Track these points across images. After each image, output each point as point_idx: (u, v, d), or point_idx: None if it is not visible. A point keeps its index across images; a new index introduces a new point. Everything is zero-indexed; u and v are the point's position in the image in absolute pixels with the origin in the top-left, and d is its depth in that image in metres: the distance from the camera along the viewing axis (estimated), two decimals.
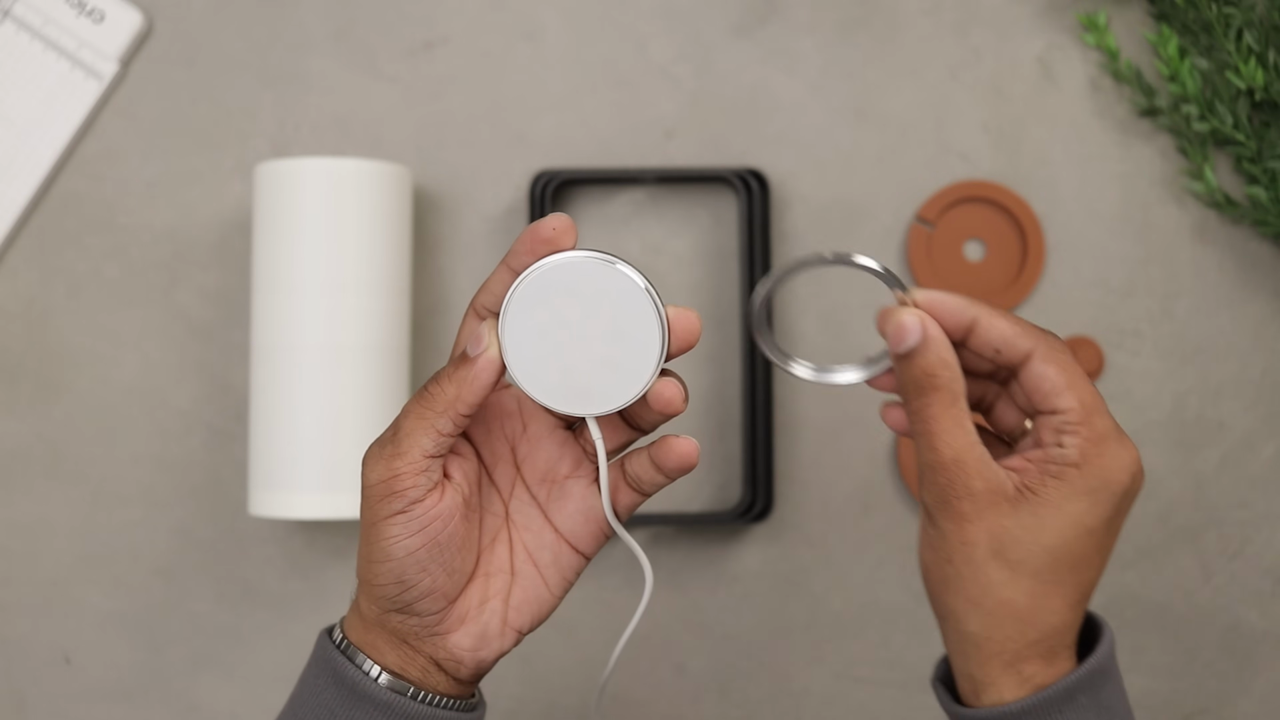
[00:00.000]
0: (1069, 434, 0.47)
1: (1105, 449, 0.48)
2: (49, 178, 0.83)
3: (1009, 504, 0.47)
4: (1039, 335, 0.48)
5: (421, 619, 0.50)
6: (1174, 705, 0.82)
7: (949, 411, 0.48)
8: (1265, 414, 0.82)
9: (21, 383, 0.82)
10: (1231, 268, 0.83)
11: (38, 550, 0.82)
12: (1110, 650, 0.50)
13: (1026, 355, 0.48)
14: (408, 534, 0.49)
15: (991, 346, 0.48)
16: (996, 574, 0.47)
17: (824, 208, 0.83)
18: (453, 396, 0.48)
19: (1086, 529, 0.47)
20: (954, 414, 0.48)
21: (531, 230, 0.48)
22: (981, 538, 0.47)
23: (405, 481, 0.48)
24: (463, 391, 0.48)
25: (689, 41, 0.83)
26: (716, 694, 0.82)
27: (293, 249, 0.75)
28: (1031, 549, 0.47)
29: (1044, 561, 0.47)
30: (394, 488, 0.48)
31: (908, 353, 0.48)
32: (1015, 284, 0.82)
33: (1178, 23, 0.82)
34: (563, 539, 0.53)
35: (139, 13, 0.83)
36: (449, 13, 0.83)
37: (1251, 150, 0.80)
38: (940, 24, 0.83)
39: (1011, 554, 0.47)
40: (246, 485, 0.81)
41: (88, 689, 0.82)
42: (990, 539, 0.47)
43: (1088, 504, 0.47)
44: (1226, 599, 0.82)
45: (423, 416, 0.48)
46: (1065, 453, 0.47)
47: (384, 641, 0.51)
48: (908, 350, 0.48)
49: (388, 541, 0.49)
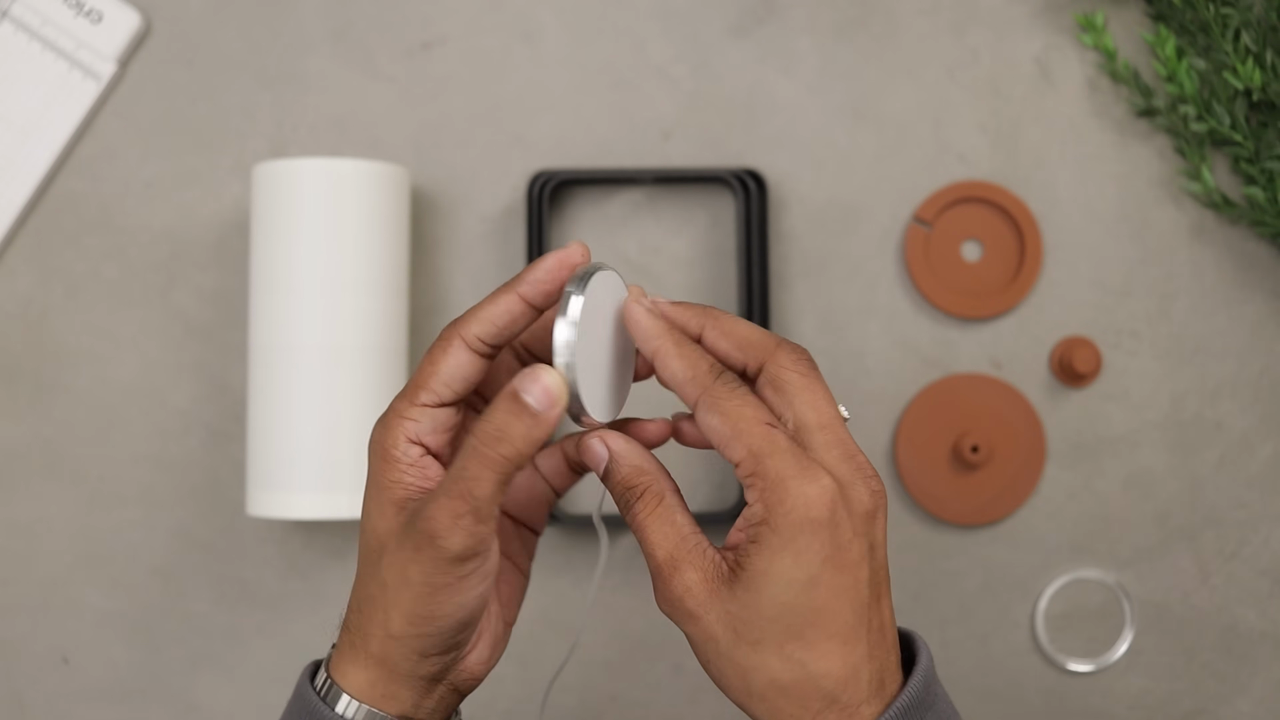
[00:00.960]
0: (750, 489, 0.46)
1: (785, 493, 0.45)
2: (47, 178, 0.83)
3: (727, 587, 0.45)
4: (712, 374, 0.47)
5: (460, 650, 0.50)
6: (1171, 705, 0.82)
7: (655, 513, 0.47)
8: (1263, 414, 0.82)
9: (20, 383, 0.82)
10: (1229, 268, 0.83)
11: (36, 550, 0.82)
12: (924, 678, 0.47)
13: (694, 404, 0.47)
14: (484, 581, 0.47)
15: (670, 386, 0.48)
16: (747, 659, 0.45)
17: (822, 208, 0.83)
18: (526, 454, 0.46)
19: (803, 582, 0.44)
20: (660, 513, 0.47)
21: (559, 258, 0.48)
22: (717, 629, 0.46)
23: (488, 542, 0.47)
24: (533, 449, 0.46)
25: (687, 42, 0.83)
26: (714, 694, 0.82)
27: (291, 249, 0.75)
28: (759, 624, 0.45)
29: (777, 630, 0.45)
30: (478, 549, 0.46)
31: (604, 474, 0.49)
32: (1013, 284, 0.82)
33: (1175, 23, 0.82)
34: (520, 524, 0.54)
35: (137, 13, 0.83)
36: (447, 13, 0.83)
37: (1249, 151, 0.80)
38: (938, 24, 0.83)
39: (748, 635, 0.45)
40: (244, 485, 0.81)
41: (86, 689, 0.82)
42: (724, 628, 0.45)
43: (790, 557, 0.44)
44: (1224, 599, 0.82)
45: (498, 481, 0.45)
46: (753, 510, 0.45)
47: (407, 689, 0.49)
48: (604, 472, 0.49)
49: (466, 594, 0.47)
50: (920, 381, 0.82)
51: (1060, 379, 0.82)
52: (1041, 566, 0.82)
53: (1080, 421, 0.82)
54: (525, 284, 0.48)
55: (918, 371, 0.82)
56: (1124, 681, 0.82)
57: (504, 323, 0.48)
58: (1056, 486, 0.82)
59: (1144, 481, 0.82)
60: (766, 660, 0.45)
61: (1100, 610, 0.82)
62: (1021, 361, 0.82)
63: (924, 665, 0.47)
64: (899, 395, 0.82)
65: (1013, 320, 0.82)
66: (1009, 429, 0.81)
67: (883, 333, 0.82)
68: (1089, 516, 0.82)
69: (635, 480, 0.48)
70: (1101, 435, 0.82)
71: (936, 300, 0.82)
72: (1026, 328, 0.82)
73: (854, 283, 0.82)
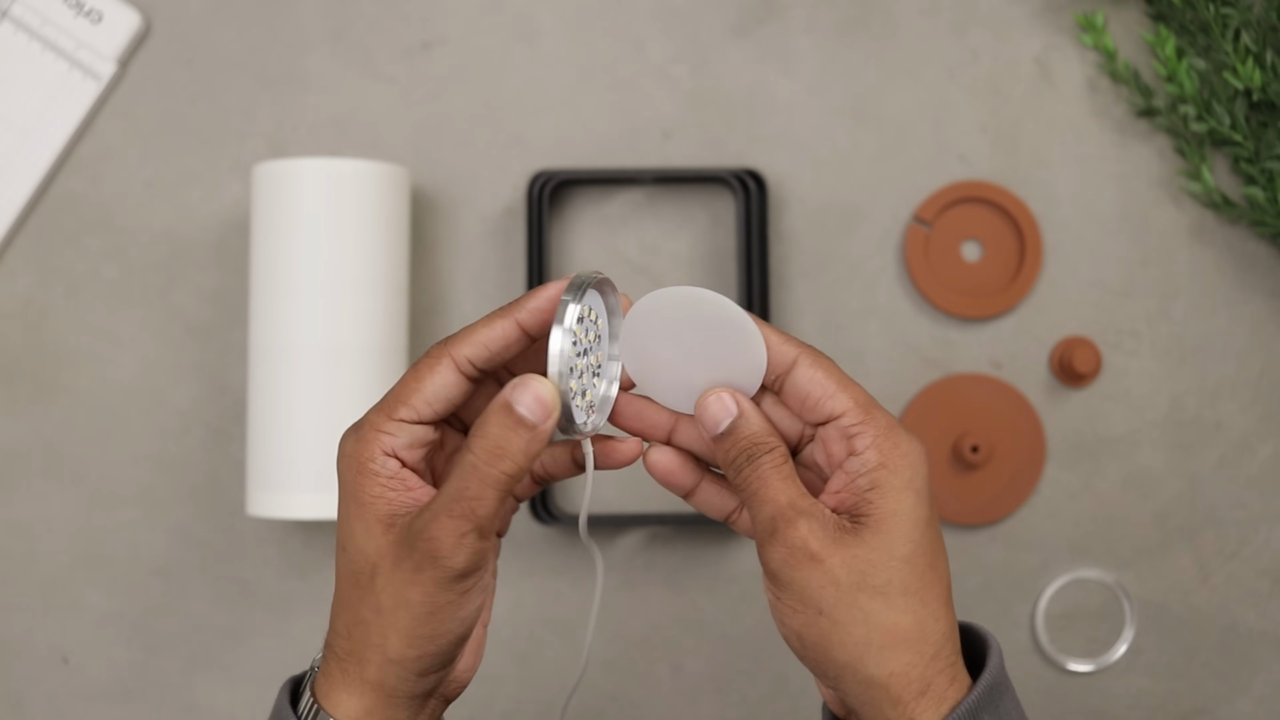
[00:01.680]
0: (857, 434, 0.47)
1: (895, 441, 0.47)
2: (47, 178, 0.83)
3: (850, 535, 0.46)
4: (799, 343, 0.48)
5: (454, 664, 0.49)
6: (1171, 705, 0.82)
7: (779, 469, 0.47)
8: (1263, 414, 0.82)
9: (20, 383, 0.82)
10: (1229, 268, 0.83)
11: (36, 550, 0.82)
12: (1001, 661, 0.48)
13: (794, 362, 0.48)
14: (482, 594, 0.47)
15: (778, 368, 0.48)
16: (870, 604, 0.45)
17: (821, 208, 0.83)
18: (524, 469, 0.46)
19: (925, 521, 0.46)
20: (784, 470, 0.47)
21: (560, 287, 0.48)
22: (840, 574, 0.45)
23: (489, 556, 0.47)
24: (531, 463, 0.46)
25: (687, 42, 0.83)
26: (714, 694, 0.82)
27: (291, 249, 0.75)
28: (892, 566, 0.45)
29: (908, 574, 0.46)
30: (480, 564, 0.46)
31: (728, 430, 0.48)
32: (1013, 284, 0.82)
33: (1175, 23, 0.82)
34: None
35: (137, 13, 0.83)
36: (447, 13, 0.83)
37: (1249, 150, 0.80)
38: (938, 24, 0.83)
39: (874, 580, 0.45)
40: (244, 485, 0.81)
41: (86, 689, 0.82)
42: (848, 572, 0.45)
43: (913, 496, 0.46)
44: (1224, 599, 0.82)
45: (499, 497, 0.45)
46: (864, 459, 0.47)
47: (404, 710, 0.48)
48: (727, 428, 0.48)
49: (466, 610, 0.47)
50: (920, 381, 0.82)
51: (1060, 379, 0.82)
52: (1041, 566, 0.82)
53: (1080, 421, 0.82)
54: (524, 311, 0.47)
55: (918, 371, 0.82)
56: (1124, 681, 0.82)
57: (497, 348, 0.48)
58: (1056, 486, 0.82)
59: (1144, 481, 0.82)
60: (893, 603, 0.45)
61: (1100, 610, 0.82)
62: (1021, 361, 0.82)
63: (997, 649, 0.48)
64: (899, 395, 0.82)
65: (1013, 320, 0.82)
66: (1009, 429, 0.81)
67: (883, 333, 0.82)
68: (1089, 516, 0.82)
69: (765, 437, 0.48)
70: (1101, 435, 0.82)
71: (936, 300, 0.82)
72: (1026, 328, 0.82)
73: (854, 283, 0.82)
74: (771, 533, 0.46)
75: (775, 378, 0.48)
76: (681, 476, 0.51)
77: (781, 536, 0.46)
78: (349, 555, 0.48)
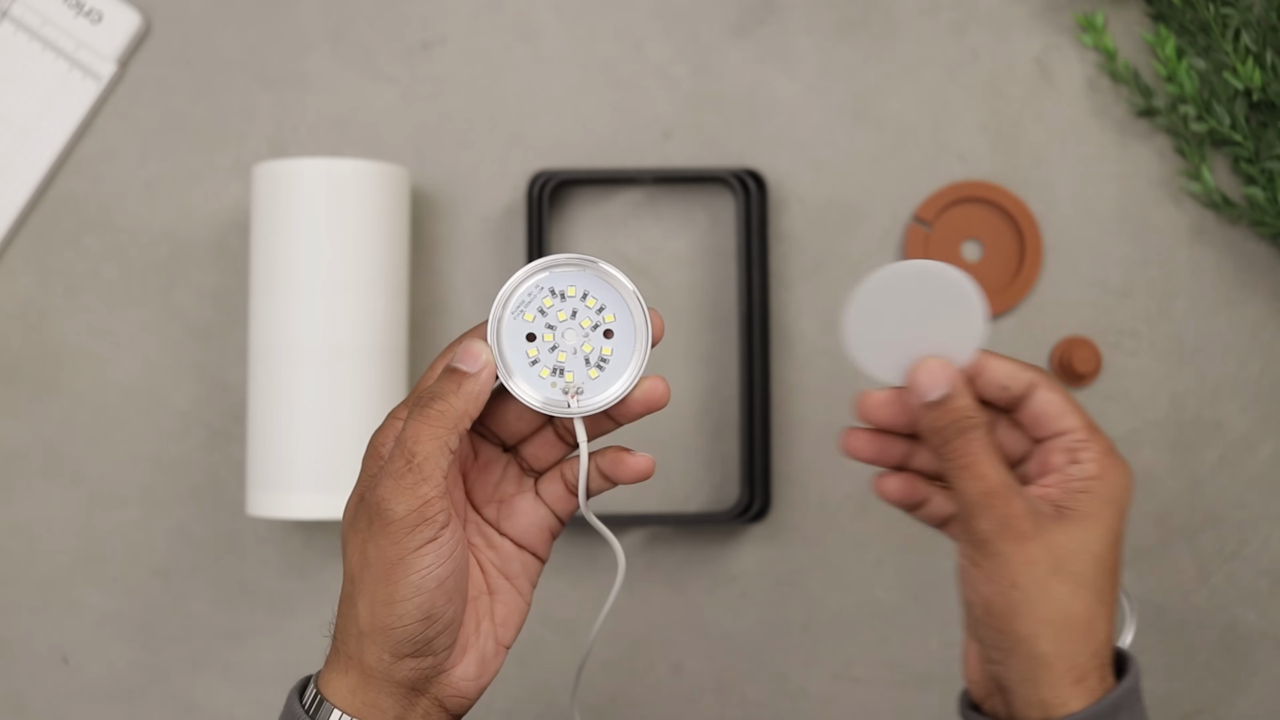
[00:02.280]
0: (1082, 449, 0.51)
1: (1114, 461, 0.51)
2: (47, 178, 0.83)
3: (1054, 522, 0.49)
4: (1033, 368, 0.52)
5: (435, 657, 0.50)
6: (1172, 705, 0.82)
7: (986, 446, 0.50)
8: (1263, 414, 0.82)
9: (19, 383, 0.82)
10: (1229, 268, 0.83)
11: (36, 550, 0.82)
12: (1139, 675, 0.51)
13: (1031, 385, 0.51)
14: (439, 562, 0.48)
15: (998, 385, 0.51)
16: (1060, 588, 0.49)
17: (821, 208, 0.83)
18: (461, 411, 0.49)
19: (1117, 536, 0.50)
20: (991, 448, 0.50)
21: None
22: (1042, 555, 0.49)
23: (434, 507, 0.48)
24: (469, 406, 0.49)
25: (687, 42, 0.83)
26: (714, 694, 0.82)
27: (291, 249, 0.75)
28: (1085, 560, 0.49)
29: (1096, 571, 0.49)
30: (425, 515, 0.48)
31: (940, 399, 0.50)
32: (1013, 284, 0.82)
33: (1175, 23, 0.82)
34: (524, 549, 0.54)
35: (137, 13, 0.83)
36: (447, 13, 0.83)
37: (1249, 151, 0.80)
38: (938, 25, 0.83)
39: (1070, 567, 0.49)
40: (244, 485, 0.81)
41: (86, 689, 0.82)
42: (1048, 556, 0.49)
43: (1113, 513, 0.50)
44: (1224, 599, 0.82)
45: (435, 436, 0.48)
46: (1085, 468, 0.50)
47: (388, 697, 0.49)
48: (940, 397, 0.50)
49: (420, 574, 0.48)
50: None
51: (1060, 378, 0.82)
52: None
53: None
54: None
55: None
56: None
57: None
58: None
59: (1144, 481, 0.82)
60: (1078, 594, 0.49)
61: None
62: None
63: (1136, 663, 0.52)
64: None
65: (1013, 320, 0.82)
66: None
67: None
68: None
69: (976, 412, 0.50)
70: None
71: None
72: (1026, 327, 0.82)
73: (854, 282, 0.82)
74: (986, 506, 0.49)
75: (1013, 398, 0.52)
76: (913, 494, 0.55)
77: (997, 512, 0.49)
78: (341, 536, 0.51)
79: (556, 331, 0.51)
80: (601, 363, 0.52)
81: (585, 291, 0.52)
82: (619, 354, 0.52)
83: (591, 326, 0.52)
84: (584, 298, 0.52)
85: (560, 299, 0.52)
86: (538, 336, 0.51)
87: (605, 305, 0.52)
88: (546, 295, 0.51)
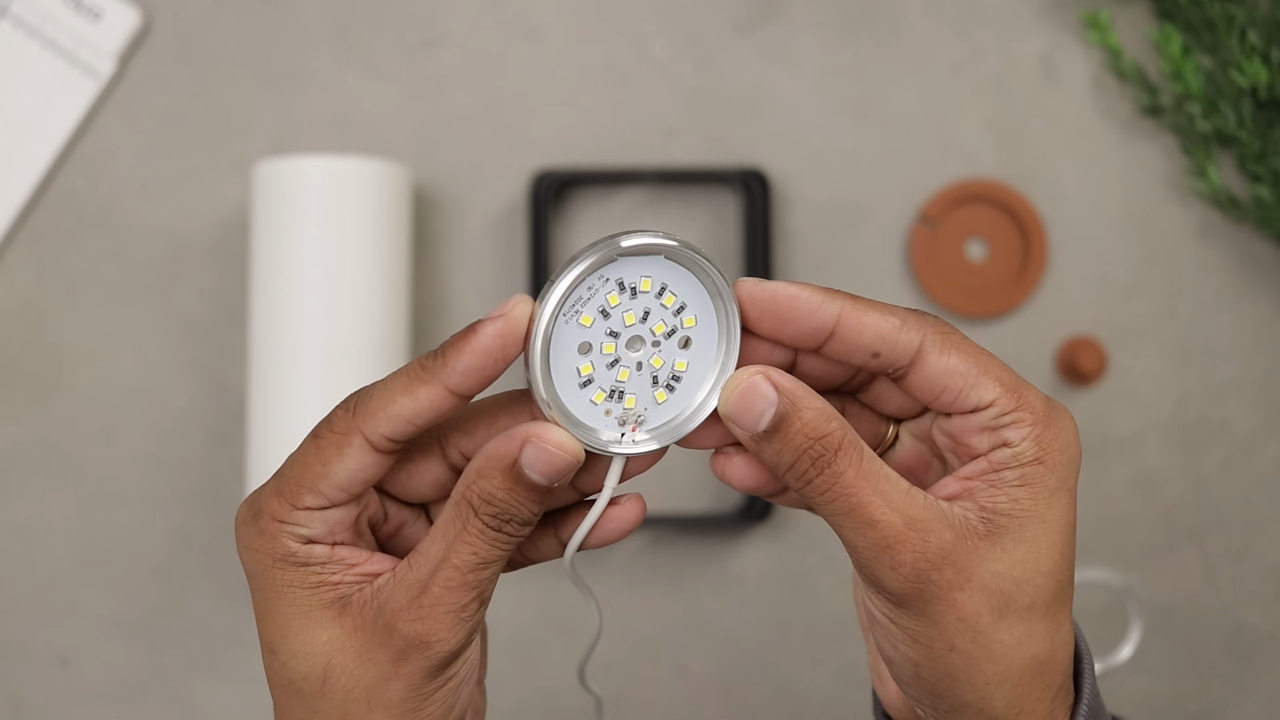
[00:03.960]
0: (1010, 425, 0.37)
1: (1059, 427, 0.38)
2: (46, 177, 0.82)
3: (989, 545, 0.37)
4: (922, 320, 0.38)
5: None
6: (1178, 707, 0.81)
7: (864, 468, 0.37)
8: (1269, 414, 0.82)
9: (18, 383, 0.82)
10: (1235, 267, 0.82)
11: (35, 551, 0.81)
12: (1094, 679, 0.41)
13: (917, 350, 0.37)
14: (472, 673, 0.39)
15: (867, 350, 0.37)
16: (1010, 634, 0.37)
17: (825, 207, 0.82)
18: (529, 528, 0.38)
19: (1072, 526, 0.38)
20: (869, 468, 0.37)
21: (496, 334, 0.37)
22: (980, 602, 0.36)
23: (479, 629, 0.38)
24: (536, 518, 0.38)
25: (690, 40, 0.83)
26: (718, 695, 0.81)
27: (291, 248, 0.75)
28: (1038, 584, 0.37)
29: (1050, 590, 0.37)
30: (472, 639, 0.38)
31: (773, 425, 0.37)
32: (1018, 284, 0.81)
33: (1181, 21, 0.81)
34: None
35: (137, 11, 0.82)
36: (448, 11, 0.83)
37: (1255, 149, 0.80)
38: (942, 22, 0.83)
39: (1019, 602, 0.37)
40: (244, 486, 0.81)
41: (85, 690, 0.81)
42: (989, 598, 0.37)
43: (1065, 499, 0.38)
44: (1230, 600, 0.82)
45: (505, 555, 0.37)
46: (1021, 451, 0.37)
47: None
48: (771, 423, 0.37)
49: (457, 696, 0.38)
50: None
51: (1065, 379, 0.81)
52: None
53: (1085, 422, 0.82)
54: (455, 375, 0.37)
55: None
56: (1130, 682, 0.82)
57: (424, 421, 0.37)
58: None
59: (1150, 482, 0.82)
60: (1034, 629, 0.37)
61: (1106, 611, 0.81)
62: (1026, 361, 0.81)
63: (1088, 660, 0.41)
64: None
65: (1018, 320, 0.82)
66: None
67: None
68: (1095, 517, 0.82)
69: (827, 427, 0.36)
70: (1107, 436, 0.82)
71: (941, 299, 0.81)
72: (1031, 327, 0.82)
73: (858, 282, 0.82)
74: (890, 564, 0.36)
75: (894, 367, 0.38)
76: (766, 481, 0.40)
77: (908, 566, 0.36)
78: (281, 660, 0.37)
79: (620, 340, 0.38)
80: (673, 382, 0.39)
81: (663, 285, 0.38)
82: (694, 370, 0.39)
83: (666, 333, 0.39)
84: (660, 294, 0.38)
85: (631, 295, 0.38)
86: (594, 347, 0.38)
87: (686, 304, 0.38)
88: (613, 290, 0.38)
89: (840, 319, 0.37)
